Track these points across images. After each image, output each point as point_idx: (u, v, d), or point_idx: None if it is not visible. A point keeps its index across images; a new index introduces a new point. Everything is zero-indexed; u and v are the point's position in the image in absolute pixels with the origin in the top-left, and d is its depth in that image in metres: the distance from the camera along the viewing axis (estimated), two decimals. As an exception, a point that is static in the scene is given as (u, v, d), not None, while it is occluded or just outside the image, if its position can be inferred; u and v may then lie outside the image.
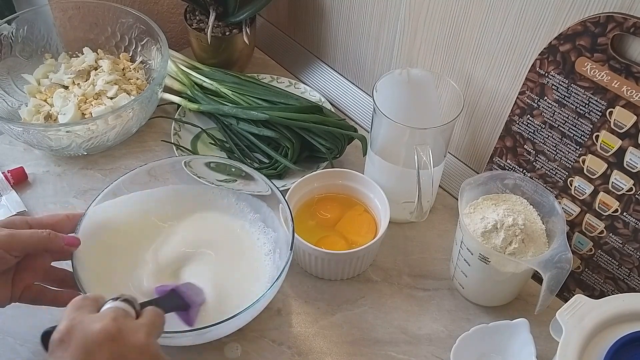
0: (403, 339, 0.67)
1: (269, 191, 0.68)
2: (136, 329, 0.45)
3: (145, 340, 0.45)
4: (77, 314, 0.45)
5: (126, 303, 0.47)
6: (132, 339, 0.44)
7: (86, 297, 0.47)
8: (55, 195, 0.78)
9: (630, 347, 0.53)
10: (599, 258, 0.67)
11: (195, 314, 0.60)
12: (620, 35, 0.56)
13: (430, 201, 0.73)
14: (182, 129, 0.84)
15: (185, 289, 0.60)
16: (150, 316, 0.48)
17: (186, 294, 0.60)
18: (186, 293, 0.60)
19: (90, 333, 0.43)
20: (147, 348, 0.44)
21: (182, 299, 0.59)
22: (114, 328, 0.43)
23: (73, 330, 0.43)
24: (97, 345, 0.42)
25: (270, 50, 0.99)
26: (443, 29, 0.72)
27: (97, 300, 0.48)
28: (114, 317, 0.44)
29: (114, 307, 0.46)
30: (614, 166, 0.61)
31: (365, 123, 0.88)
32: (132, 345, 0.43)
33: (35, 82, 0.85)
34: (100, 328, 0.43)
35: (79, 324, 0.43)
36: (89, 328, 0.43)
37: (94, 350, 0.42)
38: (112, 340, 0.43)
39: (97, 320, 0.44)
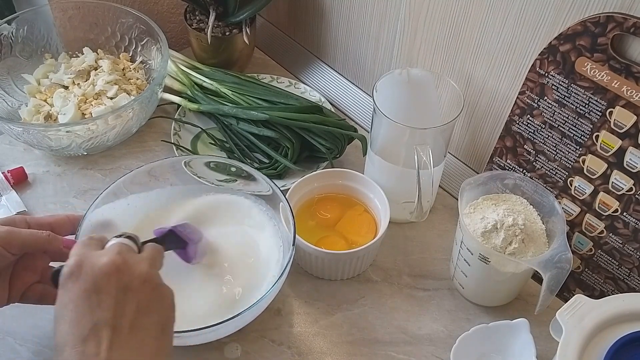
0: (403, 339, 0.67)
1: (269, 191, 0.68)
2: (139, 261, 0.49)
3: (148, 270, 0.48)
4: (84, 250, 0.48)
5: (129, 239, 0.51)
6: (136, 269, 0.47)
7: (91, 237, 0.51)
8: (55, 195, 0.79)
9: (630, 347, 0.53)
10: (599, 258, 0.67)
11: (194, 250, 0.63)
12: (620, 35, 0.56)
13: (430, 201, 0.73)
14: (182, 129, 0.84)
15: (182, 228, 0.62)
16: (151, 250, 0.51)
17: (183, 232, 0.62)
18: (183, 232, 0.62)
19: (97, 265, 0.46)
20: (149, 277, 0.48)
21: (180, 238, 0.62)
22: (119, 260, 0.47)
23: (82, 264, 0.46)
24: (105, 275, 0.46)
25: (270, 50, 0.99)
26: (443, 29, 0.72)
27: (101, 240, 0.51)
28: (119, 251, 0.48)
29: (118, 242, 0.50)
30: (614, 166, 0.61)
31: (365, 123, 0.89)
32: (136, 275, 0.47)
33: (35, 82, 0.85)
34: (107, 260, 0.46)
35: (87, 259, 0.47)
36: (96, 261, 0.46)
37: (101, 280, 0.45)
38: (117, 270, 0.46)
39: (104, 254, 0.47)
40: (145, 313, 0.46)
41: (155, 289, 0.48)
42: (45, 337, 0.65)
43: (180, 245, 0.62)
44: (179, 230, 0.62)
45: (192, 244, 0.63)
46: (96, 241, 0.50)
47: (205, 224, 0.68)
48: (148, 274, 0.48)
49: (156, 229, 0.62)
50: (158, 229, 0.62)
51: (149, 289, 0.47)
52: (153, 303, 0.47)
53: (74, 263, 0.46)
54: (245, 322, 0.62)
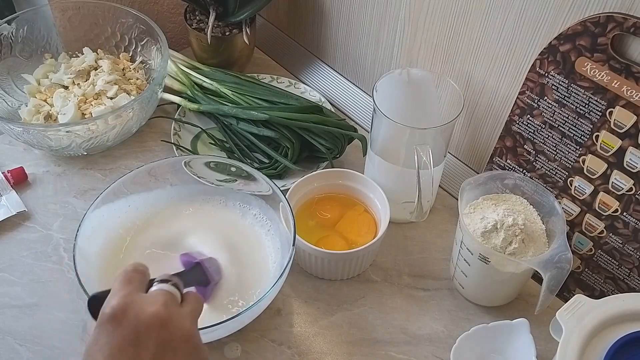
0: (403, 339, 0.67)
1: (269, 191, 0.68)
2: (183, 317, 0.46)
3: (190, 328, 0.46)
4: (128, 291, 0.45)
5: (174, 287, 0.48)
6: (180, 326, 0.45)
7: (135, 270, 0.48)
8: (55, 195, 0.79)
9: (630, 347, 0.53)
10: (599, 258, 0.67)
11: (211, 291, 0.61)
12: (620, 35, 0.56)
13: (430, 201, 0.73)
14: (182, 129, 0.84)
15: (208, 264, 0.61)
16: (194, 303, 0.49)
17: (209, 270, 0.61)
18: (209, 269, 0.61)
19: (143, 316, 0.44)
20: (192, 336, 0.46)
21: (204, 275, 0.60)
22: (165, 314, 0.44)
23: (127, 309, 0.44)
24: (148, 328, 0.43)
25: (270, 50, 0.99)
26: (443, 29, 0.72)
27: (144, 274, 0.49)
28: (165, 303, 0.45)
29: (164, 291, 0.47)
30: (614, 166, 0.61)
31: (365, 123, 0.88)
32: (179, 333, 0.45)
33: (35, 82, 0.85)
34: (153, 312, 0.44)
35: (132, 303, 0.44)
36: (142, 310, 0.44)
37: (143, 333, 0.43)
38: (161, 326, 0.44)
39: (150, 304, 0.45)
40: None
41: (194, 349, 0.46)
42: (45, 337, 0.65)
43: (202, 282, 0.60)
44: (205, 266, 0.60)
45: (212, 284, 0.61)
46: (140, 276, 0.48)
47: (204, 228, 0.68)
48: (190, 333, 0.46)
49: (182, 255, 0.61)
50: (184, 254, 0.61)
51: (188, 348, 0.45)
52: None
53: (118, 305, 0.44)
54: (245, 322, 0.62)
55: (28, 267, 0.71)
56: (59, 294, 0.69)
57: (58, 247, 0.73)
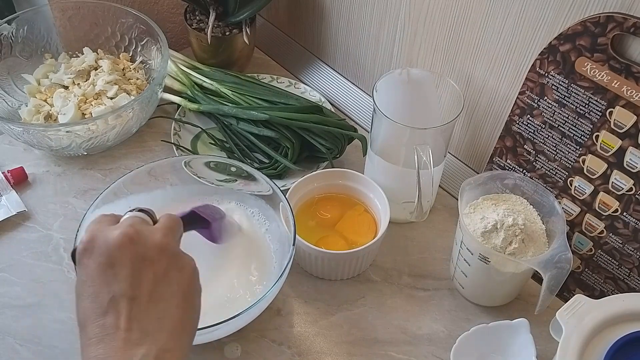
0: (403, 339, 0.67)
1: (269, 191, 0.68)
2: (153, 231, 0.47)
3: (163, 239, 0.47)
4: (97, 226, 0.47)
5: (143, 212, 0.50)
6: (150, 239, 0.46)
7: (105, 214, 0.50)
8: (55, 195, 0.79)
9: (630, 347, 0.53)
10: (599, 258, 0.67)
11: (218, 230, 0.62)
12: (620, 35, 0.56)
13: (430, 201, 0.73)
14: (182, 129, 0.84)
15: (203, 208, 0.61)
16: (165, 220, 0.50)
17: (205, 212, 0.61)
18: (205, 212, 0.61)
19: (110, 238, 0.45)
20: (165, 246, 0.47)
21: (203, 218, 0.60)
22: (132, 231, 0.46)
23: (95, 239, 0.45)
24: (118, 247, 0.45)
25: (270, 50, 0.99)
26: (443, 29, 0.72)
27: (115, 216, 0.50)
28: (132, 223, 0.47)
29: (131, 215, 0.49)
30: (614, 166, 0.61)
31: (365, 123, 0.88)
32: (150, 245, 0.46)
33: (35, 82, 0.85)
34: (120, 232, 0.45)
35: (100, 233, 0.46)
36: (109, 234, 0.46)
37: (115, 252, 0.45)
38: (131, 242, 0.45)
39: (117, 228, 0.46)
40: (163, 282, 0.45)
41: (173, 257, 0.47)
42: (46, 337, 0.65)
43: (203, 224, 0.60)
44: (200, 210, 0.60)
45: (215, 223, 0.61)
46: (110, 217, 0.49)
47: None
48: (164, 242, 0.47)
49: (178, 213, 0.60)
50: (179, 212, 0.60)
51: (165, 258, 0.46)
52: (171, 272, 0.46)
53: (87, 239, 0.46)
54: (245, 322, 0.62)
55: (28, 267, 0.71)
56: (59, 294, 0.69)
57: (58, 247, 0.73)
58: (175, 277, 0.46)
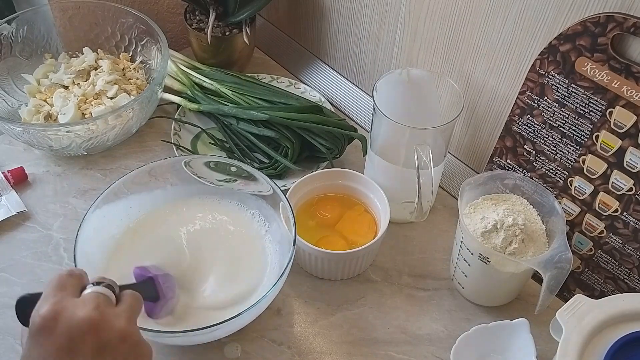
0: (403, 339, 0.67)
1: (270, 191, 0.68)
2: (117, 315, 0.45)
3: (127, 327, 0.45)
4: (60, 297, 0.44)
5: (107, 289, 0.48)
6: (114, 326, 0.44)
7: (70, 275, 0.47)
8: (55, 195, 0.78)
9: (630, 347, 0.53)
10: (599, 258, 0.67)
11: (161, 308, 0.60)
12: (620, 35, 0.56)
13: (430, 201, 0.73)
14: (182, 129, 0.84)
15: (162, 280, 0.60)
16: (129, 301, 0.48)
17: (162, 285, 0.59)
18: (162, 285, 0.59)
19: (74, 322, 0.43)
20: (128, 334, 0.45)
21: (155, 290, 0.59)
22: (97, 316, 0.43)
23: (58, 317, 0.43)
24: (81, 334, 0.42)
25: (270, 50, 0.99)
26: (443, 29, 0.72)
27: (81, 278, 0.48)
28: (96, 305, 0.44)
29: (95, 293, 0.46)
30: (614, 166, 0.61)
31: (365, 123, 0.89)
32: (114, 333, 0.44)
33: (35, 82, 0.85)
34: (83, 316, 0.43)
35: (63, 310, 0.43)
36: (73, 316, 0.43)
37: (78, 339, 0.42)
38: (95, 329, 0.43)
39: (81, 307, 0.44)
40: None
41: (134, 347, 0.45)
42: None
43: (152, 296, 0.58)
44: (158, 281, 0.59)
45: (163, 301, 0.59)
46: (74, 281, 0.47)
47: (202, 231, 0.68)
48: (126, 331, 0.45)
49: (136, 268, 0.60)
50: (139, 267, 0.60)
51: (126, 348, 0.44)
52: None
53: (49, 315, 0.43)
54: (245, 322, 0.62)
55: (28, 267, 0.71)
56: (59, 294, 0.69)
57: (58, 247, 0.73)
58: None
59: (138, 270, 0.60)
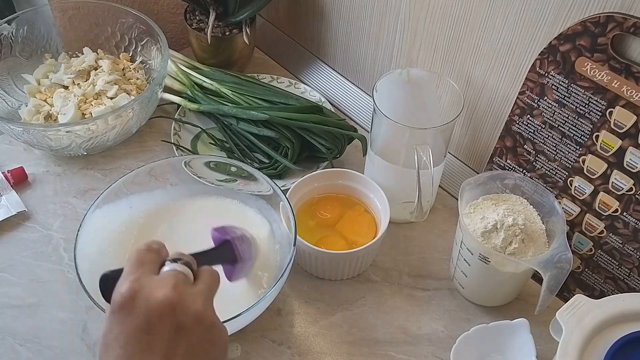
0: (403, 339, 0.67)
1: (269, 191, 0.68)
2: (195, 297, 0.45)
3: (203, 308, 0.45)
4: (139, 274, 0.44)
5: (185, 266, 0.47)
6: (191, 307, 0.44)
7: (149, 249, 0.47)
8: (55, 195, 0.78)
9: (630, 347, 0.53)
10: (599, 258, 0.67)
11: (240, 271, 0.58)
12: (620, 35, 0.56)
13: (430, 201, 0.73)
14: (182, 129, 0.84)
15: (240, 242, 0.58)
16: (207, 280, 0.48)
17: (239, 247, 0.58)
18: (240, 247, 0.58)
19: (152, 302, 0.43)
20: (205, 316, 0.45)
21: (233, 253, 0.57)
22: (175, 297, 0.43)
23: (136, 296, 0.43)
24: (159, 315, 0.43)
25: (270, 50, 0.99)
26: (443, 29, 0.72)
27: (159, 253, 0.48)
28: (175, 285, 0.44)
29: (174, 271, 0.46)
30: (614, 166, 0.61)
31: (365, 123, 0.89)
32: (191, 314, 0.44)
33: (35, 82, 0.85)
34: (161, 297, 0.43)
35: (141, 290, 0.43)
36: (150, 296, 0.43)
37: (155, 320, 0.43)
38: (173, 310, 0.43)
39: (159, 287, 0.44)
40: (196, 354, 0.44)
41: (209, 328, 0.45)
42: (45, 337, 0.65)
43: (230, 259, 0.57)
44: (235, 245, 0.57)
45: (241, 264, 0.58)
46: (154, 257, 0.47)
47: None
48: (203, 312, 0.45)
49: (214, 230, 0.58)
50: (216, 229, 0.57)
51: (202, 329, 0.44)
52: (205, 344, 0.44)
53: (128, 293, 0.43)
54: (245, 322, 0.62)
55: (28, 267, 0.71)
56: (59, 294, 0.69)
57: (58, 247, 0.73)
58: (207, 349, 0.45)
59: (216, 232, 0.58)
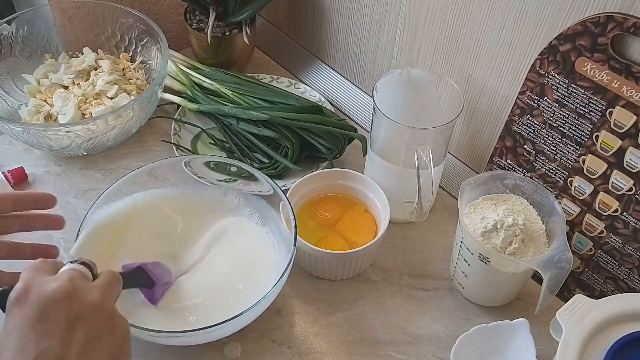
0: (403, 339, 0.67)
1: (270, 191, 0.68)
2: (92, 288, 0.46)
3: (100, 299, 0.45)
4: (34, 275, 0.45)
5: (83, 266, 0.48)
6: (87, 297, 0.45)
7: (45, 261, 0.48)
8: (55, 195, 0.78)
9: (630, 347, 0.53)
10: (599, 258, 0.67)
11: (160, 292, 0.61)
12: (620, 35, 0.56)
13: (430, 201, 0.73)
14: (182, 129, 0.84)
15: (152, 267, 0.60)
16: (105, 277, 0.48)
17: (153, 271, 0.60)
18: (153, 271, 0.60)
19: (46, 291, 0.44)
20: (101, 306, 0.45)
21: (148, 276, 0.59)
22: (69, 286, 0.44)
23: (30, 289, 0.44)
24: (53, 302, 0.43)
25: (270, 50, 0.99)
26: (443, 29, 0.72)
27: (55, 264, 0.48)
28: (70, 278, 0.45)
29: (70, 268, 0.47)
30: (614, 166, 0.61)
31: (365, 123, 0.89)
32: (87, 303, 0.44)
33: (35, 82, 0.85)
34: (55, 287, 0.44)
35: (36, 284, 0.44)
36: (45, 287, 0.44)
37: (49, 308, 0.43)
38: (67, 297, 0.44)
39: (54, 280, 0.45)
40: (95, 344, 0.44)
41: (107, 318, 0.45)
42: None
43: (147, 283, 0.59)
44: (148, 269, 0.59)
45: (159, 285, 0.60)
46: (49, 265, 0.47)
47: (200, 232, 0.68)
48: (100, 302, 0.45)
49: (125, 265, 0.60)
50: (127, 264, 0.60)
51: (100, 319, 0.45)
52: (104, 334, 0.45)
53: (21, 288, 0.44)
54: (245, 322, 0.62)
55: (28, 267, 0.71)
56: (59, 294, 0.69)
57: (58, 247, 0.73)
58: (107, 339, 0.45)
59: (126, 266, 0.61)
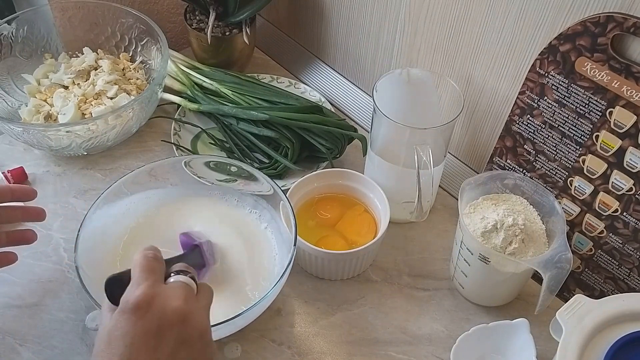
0: (403, 339, 0.67)
1: (270, 191, 0.68)
2: (200, 311, 0.47)
3: (207, 324, 0.48)
4: (152, 281, 0.46)
5: (192, 280, 0.49)
6: (198, 321, 0.46)
7: (155, 258, 0.49)
8: (55, 195, 0.78)
9: (630, 347, 0.53)
10: (599, 258, 0.67)
11: (204, 275, 0.62)
12: (620, 35, 0.56)
13: (430, 201, 0.73)
14: (182, 129, 0.84)
15: (206, 247, 0.62)
16: (208, 295, 0.50)
17: (206, 253, 0.61)
18: (207, 252, 0.61)
19: (167, 310, 0.45)
20: (206, 331, 0.47)
21: (202, 258, 0.61)
22: (186, 310, 0.46)
23: (151, 302, 0.45)
24: (170, 324, 0.45)
25: (270, 50, 0.99)
26: (443, 29, 0.72)
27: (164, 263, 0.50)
28: (186, 298, 0.46)
29: (184, 284, 0.48)
30: (614, 166, 0.61)
31: (365, 123, 0.89)
32: (197, 329, 0.46)
33: (35, 82, 0.85)
34: (176, 308, 0.45)
35: (157, 297, 0.45)
36: (167, 304, 0.45)
37: (165, 327, 0.44)
38: (182, 321, 0.45)
39: (173, 298, 0.46)
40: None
41: (207, 345, 0.47)
42: (45, 337, 0.65)
43: (198, 265, 0.60)
44: (203, 249, 0.61)
45: (207, 268, 0.62)
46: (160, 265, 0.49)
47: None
48: (205, 327, 0.47)
49: (182, 235, 0.61)
50: (184, 234, 0.61)
51: (202, 345, 0.46)
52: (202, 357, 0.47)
53: (144, 298, 0.45)
54: (245, 322, 0.62)
55: (28, 267, 0.71)
56: (59, 294, 0.69)
57: (58, 247, 0.73)
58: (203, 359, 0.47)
59: (183, 237, 0.61)
